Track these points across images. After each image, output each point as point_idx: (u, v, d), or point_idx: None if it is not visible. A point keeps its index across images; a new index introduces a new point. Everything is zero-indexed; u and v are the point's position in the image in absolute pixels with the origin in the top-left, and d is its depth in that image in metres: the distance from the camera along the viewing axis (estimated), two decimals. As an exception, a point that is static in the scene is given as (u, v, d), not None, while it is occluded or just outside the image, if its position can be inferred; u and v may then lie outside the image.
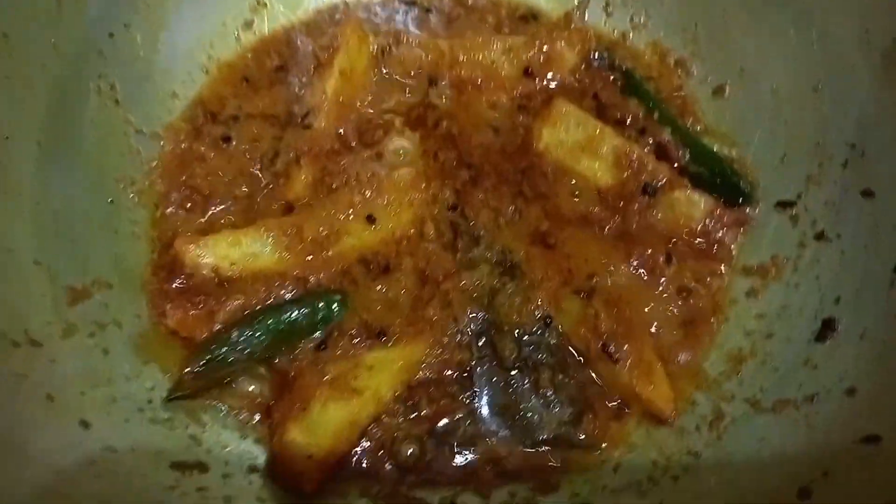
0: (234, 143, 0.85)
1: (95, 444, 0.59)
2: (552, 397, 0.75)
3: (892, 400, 0.62)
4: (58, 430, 0.58)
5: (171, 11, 0.85)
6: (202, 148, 0.84)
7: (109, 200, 0.78)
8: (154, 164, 0.82)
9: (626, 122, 0.88)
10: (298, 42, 0.91)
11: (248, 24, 0.91)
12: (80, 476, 0.55)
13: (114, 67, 0.80)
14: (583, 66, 0.92)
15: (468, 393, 0.75)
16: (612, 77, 0.91)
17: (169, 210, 0.81)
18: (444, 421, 0.73)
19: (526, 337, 0.77)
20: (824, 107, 0.81)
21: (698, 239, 0.83)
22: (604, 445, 0.73)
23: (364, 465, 0.71)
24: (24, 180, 0.70)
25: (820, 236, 0.78)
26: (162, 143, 0.84)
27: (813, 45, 0.81)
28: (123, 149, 0.81)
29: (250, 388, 0.73)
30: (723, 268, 0.82)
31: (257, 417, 0.72)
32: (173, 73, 0.86)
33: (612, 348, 0.75)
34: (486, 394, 0.75)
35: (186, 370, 0.71)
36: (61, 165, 0.74)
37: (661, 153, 0.86)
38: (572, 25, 0.92)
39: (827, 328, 0.73)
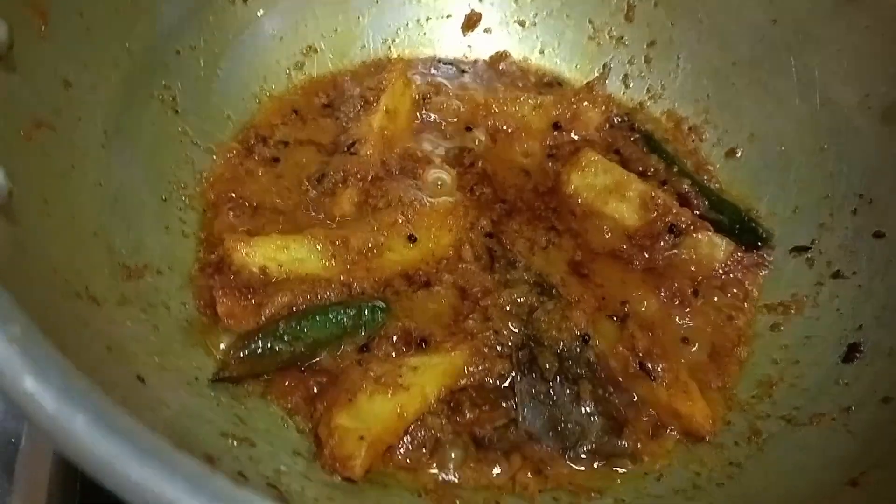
0: (282, 163, 0.89)
1: (151, 394, 0.58)
2: (593, 410, 0.75)
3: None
4: (116, 376, 0.56)
5: (231, 44, 0.91)
6: (252, 165, 0.87)
7: (163, 198, 0.80)
8: (206, 174, 0.85)
9: (647, 174, 0.95)
10: (345, 85, 0.97)
11: (300, 65, 0.98)
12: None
13: (176, 81, 0.85)
14: (606, 126, 1.00)
15: (510, 402, 0.75)
16: (632, 137, 0.99)
17: (219, 216, 0.82)
18: (487, 427, 0.72)
19: (565, 352, 0.78)
20: (830, 164, 0.89)
21: (722, 278, 0.87)
22: (645, 459, 0.73)
23: (408, 461, 0.69)
24: (89, 160, 0.71)
25: (836, 275, 0.83)
26: (214, 157, 0.87)
27: (817, 110, 0.91)
28: (179, 156, 0.83)
29: (293, 383, 0.72)
30: (745, 304, 0.86)
31: (302, 409, 0.70)
32: (229, 97, 0.91)
33: (649, 366, 0.77)
34: (528, 404, 0.75)
35: (231, 353, 0.70)
36: (122, 157, 0.76)
37: (682, 201, 0.92)
38: (594, 92, 1.01)
39: (853, 351, 0.76)
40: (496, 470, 0.70)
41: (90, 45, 0.74)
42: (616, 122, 1.00)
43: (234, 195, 0.84)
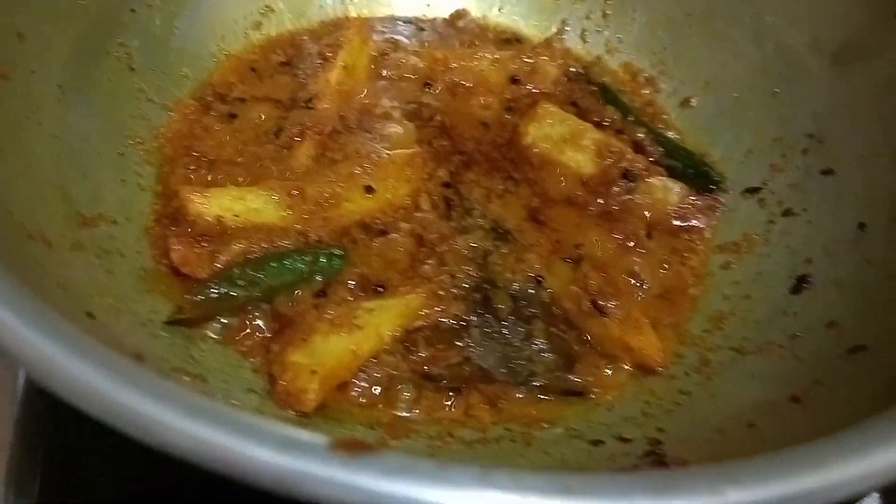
0: (239, 119, 0.89)
1: (104, 331, 0.59)
2: (545, 347, 0.76)
3: (875, 318, 0.67)
4: (69, 311, 0.57)
5: (188, 3, 0.92)
6: (209, 122, 0.88)
7: (119, 153, 0.81)
8: (162, 129, 0.86)
9: (603, 124, 0.96)
10: (303, 43, 0.97)
11: (257, 25, 0.98)
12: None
13: (132, 39, 0.86)
14: (564, 79, 1.01)
15: (464, 341, 0.76)
16: (590, 89, 1.00)
17: (175, 170, 0.83)
18: (442, 364, 0.74)
19: (519, 293, 0.79)
20: (782, 107, 0.90)
21: (675, 221, 0.89)
22: (595, 391, 0.75)
23: (363, 399, 0.70)
24: (44, 112, 0.73)
25: (787, 213, 0.85)
26: (171, 113, 0.87)
27: (770, 56, 0.92)
28: (135, 112, 0.84)
29: (248, 327, 0.73)
30: (699, 245, 0.87)
31: (257, 351, 0.72)
32: (185, 55, 0.91)
33: (601, 304, 0.78)
34: (482, 342, 0.76)
35: (186, 296, 0.71)
36: (78, 111, 0.77)
37: (637, 149, 0.93)
38: (552, 47, 1.02)
39: (801, 283, 0.77)
40: (449, 404, 0.71)
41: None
42: (573, 75, 1.01)
43: (190, 150, 0.85)
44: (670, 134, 0.96)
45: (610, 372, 0.76)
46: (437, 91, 0.96)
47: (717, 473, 0.39)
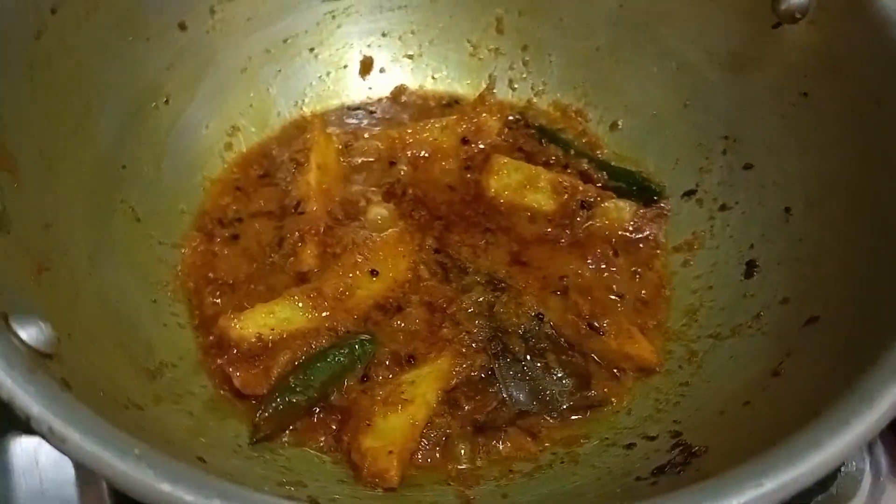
0: (242, 238, 0.99)
1: (214, 471, 0.69)
2: (562, 374, 0.90)
3: (818, 290, 0.82)
4: (186, 461, 0.67)
5: (166, 144, 1.00)
6: (216, 248, 0.98)
7: (152, 300, 0.90)
8: (179, 267, 0.95)
9: (550, 162, 1.10)
10: (274, 152, 1.08)
11: (229, 146, 1.08)
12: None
13: (130, 193, 0.94)
14: (506, 130, 1.14)
15: (496, 387, 0.89)
16: (530, 133, 1.14)
17: (203, 301, 0.93)
18: (483, 412, 0.86)
19: (527, 333, 0.92)
20: (696, 116, 1.06)
21: (633, 235, 1.04)
22: (613, 400, 0.89)
23: (429, 461, 0.82)
24: (86, 285, 0.80)
25: (722, 208, 1.01)
26: (183, 250, 0.97)
27: (675, 74, 1.07)
28: (152, 258, 0.93)
29: (317, 425, 0.84)
30: (658, 251, 1.03)
31: (331, 445, 0.83)
32: (177, 193, 1.00)
33: (596, 324, 0.92)
34: (510, 384, 0.89)
35: (258, 414, 0.81)
36: (109, 273, 0.85)
37: (585, 178, 1.08)
38: (487, 102, 1.15)
39: (751, 267, 0.93)
40: (500, 445, 0.84)
41: (54, 182, 0.82)
42: (512, 123, 1.15)
43: (210, 279, 0.95)
44: (608, 158, 1.11)
45: (619, 381, 0.90)
46: (402, 167, 1.08)
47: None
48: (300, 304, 0.91)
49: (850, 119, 0.86)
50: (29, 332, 0.59)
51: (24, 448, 0.85)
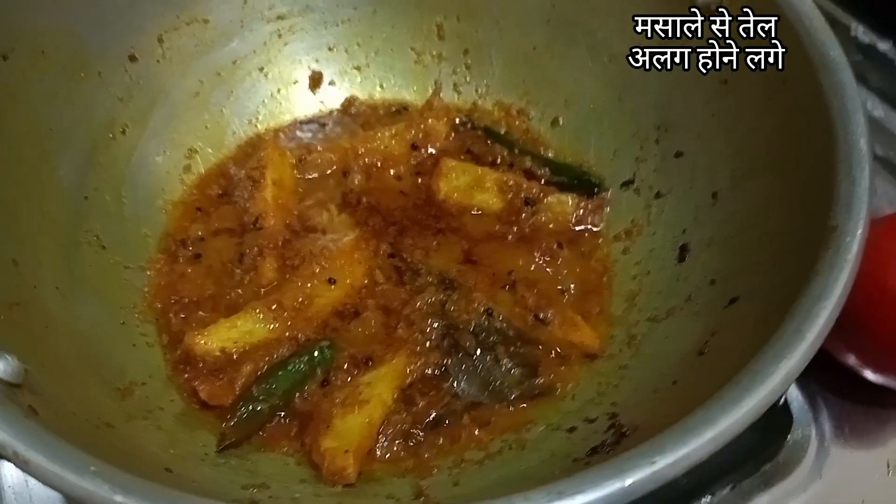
0: (204, 257, 1.05)
1: (181, 479, 0.75)
2: (511, 365, 0.95)
3: (739, 271, 0.87)
4: (153, 474, 0.73)
5: (125, 173, 1.05)
6: (180, 268, 1.03)
7: (121, 322, 0.95)
8: (146, 289, 1.01)
9: (496, 162, 1.15)
10: (231, 171, 1.13)
11: (187, 168, 1.12)
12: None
13: (94, 223, 0.99)
14: (453, 133, 1.19)
15: (449, 382, 0.94)
16: (477, 134, 1.19)
17: (170, 320, 0.98)
18: (437, 406, 0.92)
19: (477, 328, 0.98)
20: (629, 107, 1.10)
21: (575, 227, 1.09)
22: (559, 386, 0.94)
23: (387, 455, 0.88)
24: (57, 317, 0.85)
25: (657, 195, 1.06)
26: (148, 273, 1.02)
27: (607, 66, 1.12)
28: (120, 283, 0.99)
29: (280, 430, 0.90)
30: (599, 241, 1.08)
31: (295, 448, 0.88)
32: (139, 218, 1.05)
33: (542, 315, 0.98)
34: (462, 378, 0.95)
35: (224, 424, 0.87)
36: (79, 302, 0.90)
37: (529, 176, 1.13)
38: (434, 106, 1.20)
39: (683, 251, 0.99)
40: (453, 437, 0.90)
41: (18, 221, 0.88)
42: (459, 126, 1.20)
43: (176, 299, 1.00)
44: (550, 154, 1.16)
45: (564, 367, 0.96)
46: (356, 177, 1.14)
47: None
48: (261, 317, 0.96)
49: (764, 101, 0.92)
50: (-3, 367, 0.65)
51: (14, 468, 0.91)
